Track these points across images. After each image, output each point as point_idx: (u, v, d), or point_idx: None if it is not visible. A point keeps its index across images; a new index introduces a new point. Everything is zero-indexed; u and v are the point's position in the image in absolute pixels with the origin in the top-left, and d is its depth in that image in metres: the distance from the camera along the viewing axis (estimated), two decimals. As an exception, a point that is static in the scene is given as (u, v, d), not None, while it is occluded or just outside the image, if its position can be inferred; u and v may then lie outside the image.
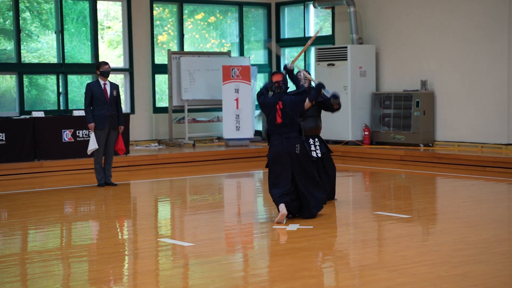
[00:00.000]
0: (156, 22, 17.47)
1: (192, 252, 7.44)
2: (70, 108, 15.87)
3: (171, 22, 17.77)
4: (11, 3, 15.46)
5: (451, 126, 15.43)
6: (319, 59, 16.77)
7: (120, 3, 16.91)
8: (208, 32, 18.41)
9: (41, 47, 16.09)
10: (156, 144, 16.82)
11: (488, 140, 14.76)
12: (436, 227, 8.65)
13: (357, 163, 14.86)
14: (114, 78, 16.48)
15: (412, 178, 12.82)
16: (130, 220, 9.49)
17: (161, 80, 17.55)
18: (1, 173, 13.32)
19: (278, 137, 8.79)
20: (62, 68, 16.01)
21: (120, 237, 8.48)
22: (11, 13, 15.51)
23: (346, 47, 16.34)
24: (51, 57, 16.09)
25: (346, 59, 16.27)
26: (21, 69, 15.55)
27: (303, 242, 7.68)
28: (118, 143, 12.05)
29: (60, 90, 16.01)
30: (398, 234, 8.04)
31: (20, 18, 15.60)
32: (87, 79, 16.17)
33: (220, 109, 17.20)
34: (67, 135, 14.29)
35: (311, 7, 17.97)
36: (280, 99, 8.75)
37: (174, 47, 17.59)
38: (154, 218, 9.78)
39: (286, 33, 18.96)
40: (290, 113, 8.72)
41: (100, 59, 16.10)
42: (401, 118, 15.84)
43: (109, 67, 11.95)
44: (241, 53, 18.44)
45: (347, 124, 16.32)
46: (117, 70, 16.79)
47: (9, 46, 15.64)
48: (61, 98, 16.02)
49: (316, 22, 18.46)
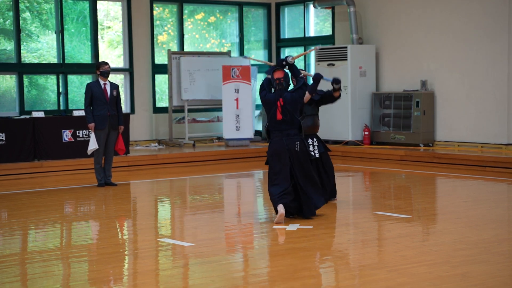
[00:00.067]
0: (156, 22, 17.47)
1: (192, 252, 7.44)
2: (70, 108, 15.87)
3: (171, 22, 17.77)
4: (11, 3, 15.46)
5: (451, 126, 15.42)
6: (319, 59, 16.77)
7: (120, 3, 16.90)
8: (208, 32, 18.41)
9: (41, 47, 16.09)
10: (156, 144, 16.82)
11: (488, 140, 14.76)
12: (436, 227, 8.65)
13: (357, 163, 14.86)
14: (114, 78, 16.48)
15: (412, 178, 12.82)
16: (130, 220, 9.49)
17: (161, 80, 17.55)
18: (1, 173, 13.32)
19: (278, 134, 8.79)
20: (62, 68, 16.01)
21: (120, 237, 8.48)
22: (11, 13, 15.51)
23: (346, 47, 16.34)
24: (51, 57, 16.09)
25: (346, 59, 16.27)
26: (21, 69, 15.55)
27: (303, 242, 7.68)
28: (118, 143, 12.05)
29: (60, 90, 16.01)
30: (398, 234, 8.04)
31: (20, 18, 15.60)
32: (87, 79, 16.18)
33: (220, 109, 17.20)
34: (67, 135, 14.29)
35: (311, 7, 17.97)
36: (281, 96, 8.75)
37: (174, 47, 17.59)
38: (154, 218, 9.78)
39: (286, 33, 18.96)
40: (291, 110, 8.72)
41: (100, 59, 16.10)
42: (401, 118, 15.84)
43: (109, 67, 11.95)
44: (241, 53, 18.44)
45: (347, 124, 16.32)
46: (117, 70, 16.79)
47: (9, 46, 15.64)
48: (61, 98, 16.02)
49: (316, 22, 18.45)
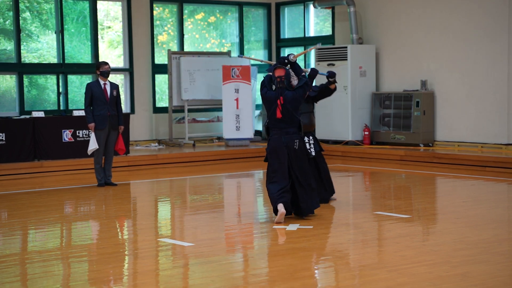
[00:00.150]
0: (156, 22, 17.46)
1: (192, 252, 7.44)
2: (70, 108, 15.87)
3: (171, 22, 17.76)
4: (11, 3, 15.46)
5: (451, 126, 15.42)
6: (319, 59, 16.76)
7: (120, 3, 16.90)
8: (208, 32, 18.41)
9: (41, 47, 16.08)
10: (156, 144, 16.82)
11: (488, 140, 14.76)
12: (436, 227, 8.65)
13: (357, 163, 14.85)
14: (114, 78, 16.48)
15: (412, 178, 12.82)
16: (130, 220, 9.49)
17: (161, 80, 17.55)
18: (1, 173, 13.32)
19: (277, 132, 8.79)
20: (62, 68, 16.01)
21: (120, 237, 8.48)
22: (11, 13, 15.51)
23: (346, 47, 16.34)
24: (51, 57, 16.09)
25: (346, 59, 16.27)
26: (21, 69, 15.55)
27: (303, 242, 7.68)
28: (118, 143, 12.05)
29: (60, 90, 16.00)
30: (398, 234, 8.04)
31: (20, 18, 15.60)
32: (87, 79, 16.17)
33: (220, 109, 17.20)
34: (67, 135, 14.29)
35: (311, 7, 17.96)
36: (282, 94, 8.74)
37: (174, 47, 17.59)
38: (154, 218, 9.78)
39: (286, 33, 18.96)
40: (291, 109, 8.71)
41: (100, 59, 16.10)
42: (401, 118, 15.84)
43: (109, 67, 11.95)
44: (241, 53, 18.43)
45: (347, 124, 16.32)
46: (117, 70, 16.79)
47: (9, 46, 15.64)
48: (61, 98, 16.02)
49: (316, 22, 18.45)
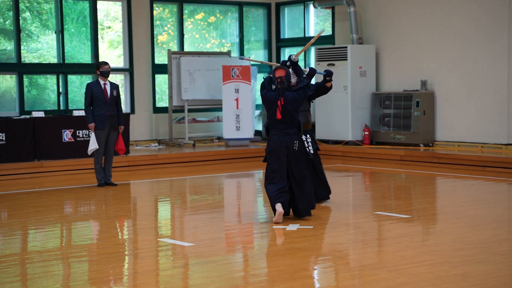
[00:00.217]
0: (156, 22, 17.46)
1: (192, 252, 7.44)
2: (70, 108, 15.87)
3: (171, 22, 17.76)
4: (11, 3, 15.46)
5: (451, 126, 15.42)
6: (319, 59, 16.76)
7: (120, 3, 16.90)
8: (208, 32, 18.41)
9: (41, 47, 16.08)
10: (156, 144, 16.82)
11: (488, 140, 14.76)
12: (436, 227, 8.64)
13: (357, 163, 14.85)
14: (114, 78, 16.48)
15: (412, 178, 12.82)
16: (130, 220, 9.49)
17: (161, 80, 17.55)
18: (1, 173, 13.32)
19: (277, 132, 8.78)
20: (62, 68, 16.01)
21: (120, 237, 8.48)
22: (11, 13, 15.51)
23: (346, 47, 16.34)
24: (51, 57, 16.09)
25: (346, 59, 16.27)
26: (21, 69, 15.55)
27: (303, 242, 7.68)
28: (118, 143, 12.05)
29: (60, 90, 16.00)
30: (398, 234, 8.04)
31: (20, 18, 15.60)
32: (87, 79, 16.17)
33: (220, 109, 17.20)
34: (67, 135, 14.29)
35: (311, 7, 17.96)
36: (282, 95, 8.72)
37: (174, 47, 17.59)
38: (154, 218, 9.78)
39: (286, 33, 18.96)
40: (291, 110, 8.70)
41: (100, 59, 16.10)
42: (401, 118, 15.84)
43: (109, 67, 11.95)
44: (241, 53, 18.43)
45: (347, 124, 16.32)
46: (117, 70, 16.79)
47: (9, 46, 15.64)
48: (61, 98, 16.02)
49: (316, 22, 18.45)
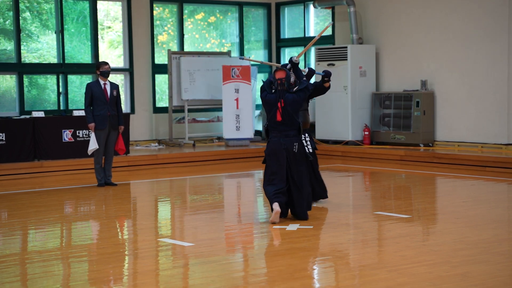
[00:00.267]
0: (156, 22, 17.46)
1: (192, 252, 7.44)
2: (70, 108, 15.87)
3: (171, 22, 17.76)
4: (11, 3, 15.46)
5: (451, 126, 15.42)
6: (319, 59, 16.76)
7: (120, 3, 16.90)
8: (208, 32, 18.41)
9: (41, 47, 16.08)
10: (156, 144, 16.82)
11: (488, 140, 14.76)
12: (436, 227, 8.65)
13: (357, 163, 14.85)
14: (114, 78, 16.48)
15: (412, 178, 12.82)
16: (130, 220, 9.49)
17: (161, 80, 17.55)
18: (1, 173, 13.32)
19: (277, 134, 8.77)
20: (62, 68, 16.01)
21: (120, 237, 8.48)
22: (11, 13, 15.51)
23: (346, 47, 16.34)
24: (51, 57, 16.09)
25: (346, 59, 16.27)
26: (21, 69, 15.55)
27: (303, 242, 7.68)
28: (118, 143, 12.05)
29: (60, 90, 16.00)
30: (398, 234, 8.04)
31: (20, 18, 15.60)
32: (87, 79, 16.17)
33: (220, 109, 17.20)
34: (67, 135, 14.29)
35: (311, 7, 17.96)
36: (282, 97, 8.71)
37: (174, 47, 17.59)
38: (154, 218, 9.78)
39: (286, 33, 18.96)
40: (291, 112, 8.70)
41: (100, 59, 16.10)
42: (401, 118, 15.84)
43: (109, 67, 11.95)
44: (241, 53, 18.43)
45: (347, 124, 16.31)
46: (117, 70, 16.79)
47: (9, 46, 15.64)
48: (61, 98, 16.02)
49: (316, 22, 18.45)
